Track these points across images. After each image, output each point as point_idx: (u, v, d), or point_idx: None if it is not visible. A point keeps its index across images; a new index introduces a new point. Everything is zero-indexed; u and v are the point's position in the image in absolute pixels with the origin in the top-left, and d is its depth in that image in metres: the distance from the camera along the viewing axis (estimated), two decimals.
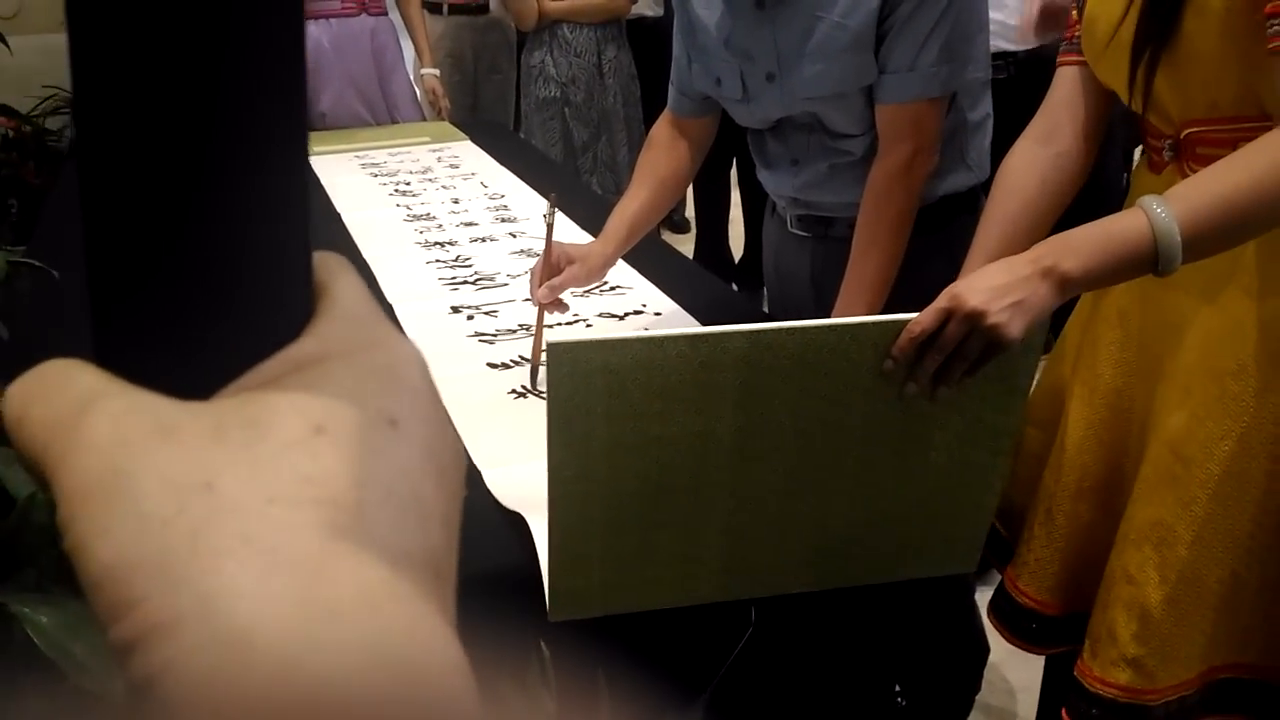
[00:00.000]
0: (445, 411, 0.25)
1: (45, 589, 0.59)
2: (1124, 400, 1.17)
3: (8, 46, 0.97)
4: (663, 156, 1.55)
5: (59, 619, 0.57)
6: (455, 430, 0.25)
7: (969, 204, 1.51)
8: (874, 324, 0.94)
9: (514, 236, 2.03)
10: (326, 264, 0.26)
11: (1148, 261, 0.94)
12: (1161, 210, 0.93)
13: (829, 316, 1.42)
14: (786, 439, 0.95)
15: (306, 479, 0.21)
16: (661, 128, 1.58)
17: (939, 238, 1.45)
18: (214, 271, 0.23)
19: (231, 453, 0.21)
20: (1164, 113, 1.07)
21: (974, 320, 0.93)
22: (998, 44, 2.54)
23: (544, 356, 1.34)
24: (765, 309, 1.93)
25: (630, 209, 1.50)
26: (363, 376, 0.23)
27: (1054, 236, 0.98)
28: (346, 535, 0.20)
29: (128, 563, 0.19)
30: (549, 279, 1.38)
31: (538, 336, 1.39)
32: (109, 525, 0.20)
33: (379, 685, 0.18)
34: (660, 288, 1.73)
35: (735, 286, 3.76)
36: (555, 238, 1.39)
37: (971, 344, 0.94)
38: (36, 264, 0.96)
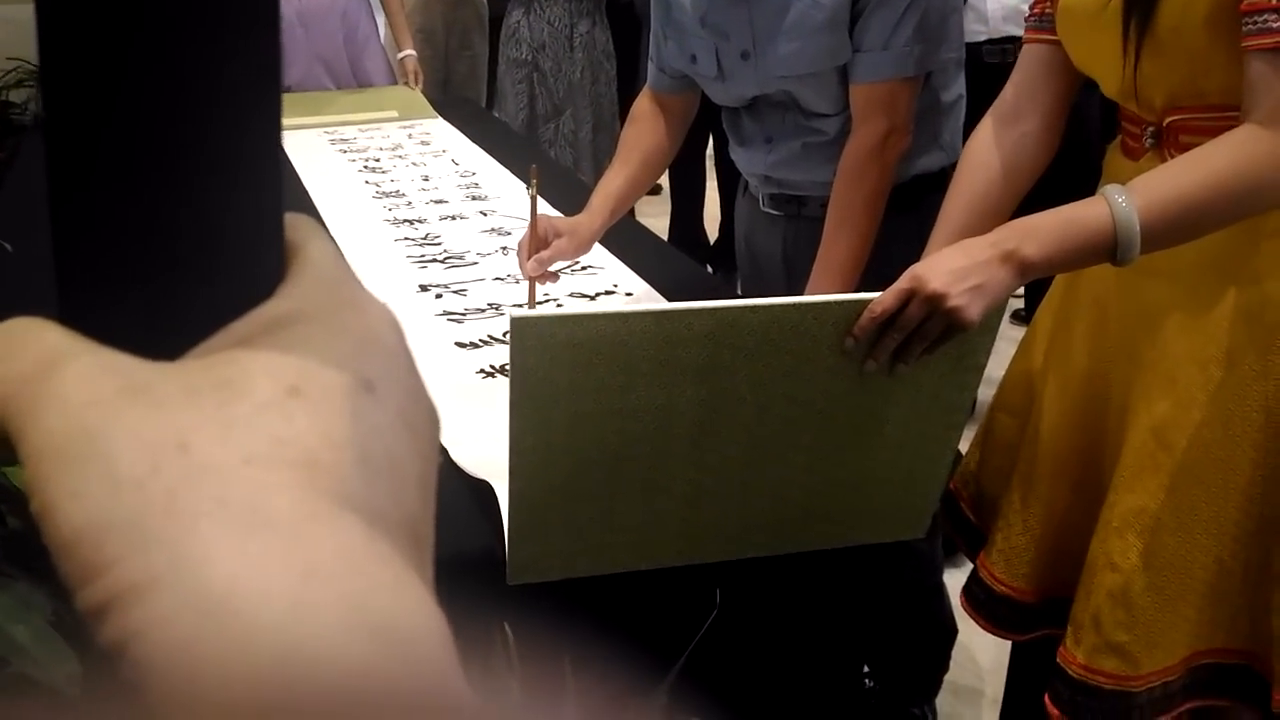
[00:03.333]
0: (419, 375, 0.24)
1: None
2: (1099, 386, 1.17)
3: None
4: (645, 132, 1.54)
5: (1, 601, 0.55)
6: (429, 394, 0.24)
7: (941, 184, 1.49)
8: (836, 303, 0.95)
9: (484, 215, 2.01)
10: (298, 225, 0.25)
11: (1106, 250, 0.95)
12: (1123, 200, 0.94)
13: (800, 295, 1.42)
14: (747, 412, 0.96)
15: (282, 440, 0.20)
16: (643, 103, 1.57)
17: (911, 217, 1.44)
18: (183, 229, 0.22)
19: (205, 413, 0.20)
20: (1147, 100, 1.06)
21: (935, 302, 0.94)
22: (1011, 29, 2.52)
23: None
24: (739, 291, 1.93)
25: (614, 184, 1.49)
26: (337, 338, 0.22)
27: (1014, 221, 0.98)
28: (324, 497, 0.20)
29: (100, 525, 0.19)
30: (536, 252, 1.36)
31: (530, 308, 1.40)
32: (81, 487, 0.19)
33: (360, 646, 0.18)
34: (633, 268, 1.71)
35: (710, 268, 3.75)
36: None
37: (931, 325, 0.95)
38: None
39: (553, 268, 1.40)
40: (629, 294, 1.64)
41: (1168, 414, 1.08)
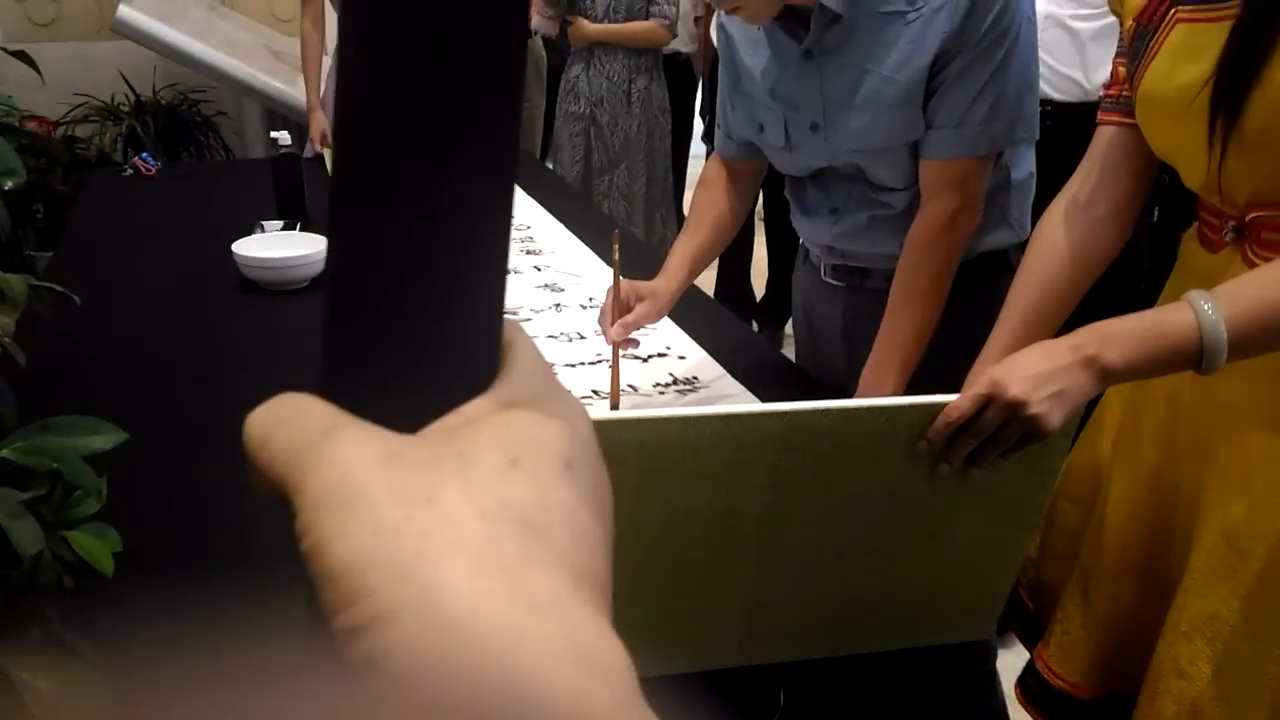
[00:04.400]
0: (601, 458, 0.28)
1: (48, 649, 0.56)
2: (1169, 483, 1.14)
3: (37, 69, 0.96)
4: (716, 196, 1.55)
5: (58, 684, 0.53)
6: (608, 475, 0.28)
7: (1008, 262, 1.48)
8: (911, 406, 0.93)
9: (538, 270, 2.01)
10: (507, 325, 0.29)
11: (1192, 358, 0.92)
12: (1209, 307, 0.91)
13: (860, 369, 1.40)
14: (814, 514, 0.94)
15: (506, 501, 0.24)
16: (713, 168, 1.58)
17: (977, 295, 1.42)
18: (432, 331, 0.27)
19: (447, 476, 0.24)
20: (1230, 196, 1.03)
21: (1014, 409, 0.91)
22: (1041, 89, 2.49)
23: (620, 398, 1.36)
24: (783, 350, 1.91)
25: (690, 247, 1.51)
26: (544, 423, 0.26)
27: (1095, 324, 0.95)
28: (538, 549, 0.24)
29: (363, 560, 0.23)
30: (620, 317, 1.38)
31: (615, 375, 1.41)
32: (349, 529, 0.23)
33: (576, 672, 0.21)
34: (682, 327, 1.71)
35: (755, 325, 3.73)
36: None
37: (1009, 431, 0.93)
38: (58, 289, 0.94)
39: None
40: (681, 356, 1.63)
41: (1243, 518, 1.04)
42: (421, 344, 0.27)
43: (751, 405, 0.90)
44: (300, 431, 0.26)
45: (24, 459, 0.61)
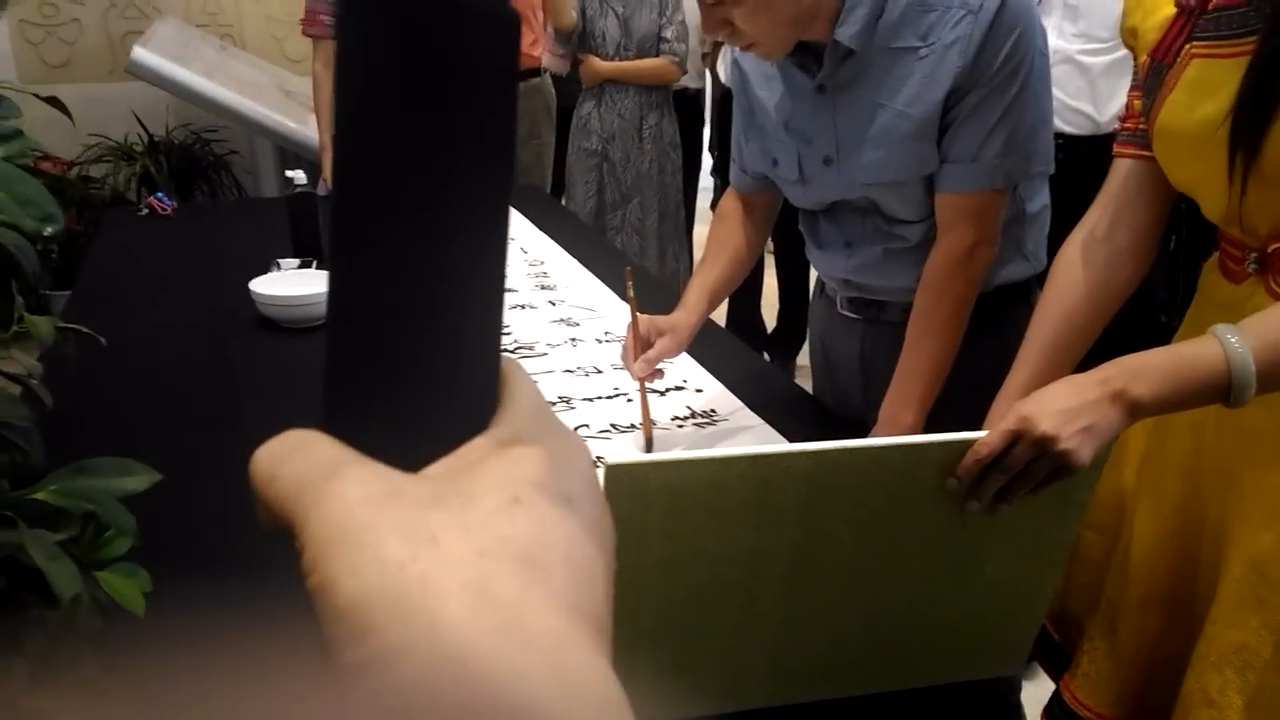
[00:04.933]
0: (602, 493, 0.29)
1: (84, 692, 0.56)
2: (1194, 512, 1.13)
3: (68, 114, 0.97)
4: (733, 229, 1.56)
5: None
6: (609, 511, 0.29)
7: (1024, 294, 1.48)
8: (939, 444, 0.93)
9: (553, 305, 2.01)
10: (505, 364, 0.30)
11: (1221, 392, 0.92)
12: (1236, 341, 0.91)
13: (877, 401, 1.40)
14: (843, 553, 0.93)
15: (507, 539, 0.25)
16: (729, 202, 1.59)
17: (992, 327, 1.42)
18: (431, 373, 0.27)
19: (450, 515, 0.25)
20: (1251, 228, 1.04)
21: (1044, 445, 0.91)
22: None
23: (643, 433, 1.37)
24: (795, 380, 1.91)
25: (708, 280, 1.52)
26: (545, 460, 0.27)
27: (1123, 358, 0.95)
28: (537, 587, 0.24)
29: (370, 597, 0.23)
30: (642, 353, 1.40)
31: (645, 414, 1.42)
32: (356, 566, 0.23)
33: (567, 705, 0.22)
34: (696, 359, 1.71)
35: (767, 356, 3.73)
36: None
37: (1039, 467, 0.93)
38: (85, 330, 0.94)
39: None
40: (699, 389, 1.63)
41: (1271, 548, 1.04)
42: (419, 383, 0.27)
43: (779, 445, 0.90)
44: (306, 468, 0.26)
45: (60, 501, 0.61)
